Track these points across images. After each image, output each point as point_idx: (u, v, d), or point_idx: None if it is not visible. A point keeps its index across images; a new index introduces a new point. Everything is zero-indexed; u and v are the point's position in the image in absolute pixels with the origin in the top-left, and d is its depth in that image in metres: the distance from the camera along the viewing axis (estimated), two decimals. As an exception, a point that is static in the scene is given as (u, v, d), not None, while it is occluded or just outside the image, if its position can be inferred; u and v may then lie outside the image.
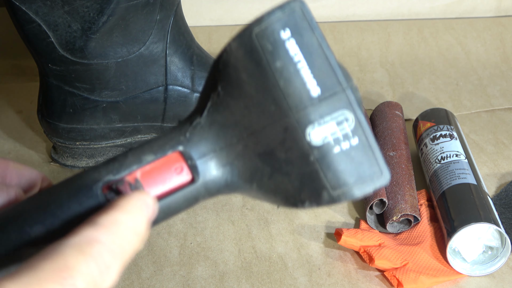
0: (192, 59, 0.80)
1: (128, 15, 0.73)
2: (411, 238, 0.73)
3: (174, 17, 0.77)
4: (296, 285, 0.70)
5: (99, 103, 0.79)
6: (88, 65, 0.75)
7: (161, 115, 0.81)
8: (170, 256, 0.73)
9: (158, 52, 0.78)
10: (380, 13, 1.14)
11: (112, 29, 0.73)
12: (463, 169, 0.75)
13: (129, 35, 0.75)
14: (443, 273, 0.70)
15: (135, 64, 0.77)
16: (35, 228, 0.38)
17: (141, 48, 0.76)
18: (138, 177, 0.39)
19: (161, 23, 0.76)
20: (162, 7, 0.75)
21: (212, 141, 0.40)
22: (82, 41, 0.73)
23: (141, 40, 0.76)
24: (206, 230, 0.76)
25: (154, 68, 0.78)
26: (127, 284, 0.70)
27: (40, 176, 0.45)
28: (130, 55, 0.76)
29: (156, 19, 0.75)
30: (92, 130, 0.81)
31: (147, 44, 0.76)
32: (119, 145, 0.83)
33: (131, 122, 0.81)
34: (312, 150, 0.38)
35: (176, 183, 0.40)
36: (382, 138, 0.82)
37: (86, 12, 0.72)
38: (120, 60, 0.76)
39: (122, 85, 0.78)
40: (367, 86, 0.99)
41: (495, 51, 1.06)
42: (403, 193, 0.75)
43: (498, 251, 0.70)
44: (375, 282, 0.70)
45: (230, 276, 0.71)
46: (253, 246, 0.74)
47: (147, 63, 0.78)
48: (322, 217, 0.77)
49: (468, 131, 0.90)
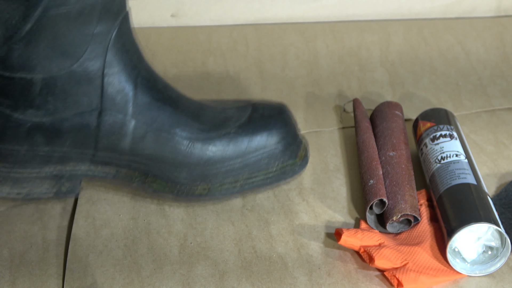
0: (136, 82, 0.71)
1: (57, 25, 0.65)
2: (411, 238, 0.73)
3: (117, 32, 0.69)
4: (296, 284, 0.70)
5: (22, 122, 0.70)
6: (10, 78, 0.68)
7: (93, 142, 0.72)
8: (170, 254, 0.73)
9: (94, 71, 0.69)
10: (380, 13, 1.14)
11: (38, 39, 0.66)
12: (463, 169, 0.75)
13: (59, 48, 0.67)
14: (443, 273, 0.70)
15: (65, 82, 0.69)
16: None
17: (73, 64, 0.68)
18: None
19: (100, 37, 0.68)
20: (101, 19, 0.67)
21: None
22: (3, 51, 0.66)
23: (73, 55, 0.68)
24: (206, 230, 0.76)
25: (88, 89, 0.69)
26: (127, 282, 0.70)
27: None
28: (60, 71, 0.68)
29: (92, 32, 0.67)
30: (14, 152, 0.72)
31: (81, 61, 0.68)
32: (48, 177, 0.74)
33: (58, 147, 0.72)
34: None
35: None
36: (382, 138, 0.82)
37: (8, 18, 0.65)
38: (48, 76, 0.68)
39: (49, 104, 0.70)
40: (367, 86, 0.99)
41: (495, 51, 1.06)
42: (403, 193, 0.75)
43: (498, 251, 0.70)
44: (375, 282, 0.70)
45: (230, 275, 0.71)
46: (253, 246, 0.74)
47: (80, 82, 0.69)
48: (322, 217, 0.77)
49: (468, 131, 0.90)
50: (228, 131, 0.74)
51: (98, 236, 0.75)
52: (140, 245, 0.74)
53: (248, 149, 0.74)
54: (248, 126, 0.74)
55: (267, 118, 0.75)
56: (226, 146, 0.73)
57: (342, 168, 0.85)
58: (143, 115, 0.72)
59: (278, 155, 0.75)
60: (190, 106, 0.75)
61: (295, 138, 0.76)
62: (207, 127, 0.74)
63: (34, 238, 0.75)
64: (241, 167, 0.74)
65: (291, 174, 0.76)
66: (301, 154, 0.76)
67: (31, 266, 0.72)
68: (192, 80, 1.01)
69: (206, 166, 0.73)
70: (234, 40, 1.09)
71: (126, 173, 0.75)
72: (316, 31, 1.11)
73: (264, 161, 0.74)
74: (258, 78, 1.01)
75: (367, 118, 0.87)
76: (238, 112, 0.76)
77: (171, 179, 0.74)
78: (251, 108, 0.76)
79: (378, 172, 0.78)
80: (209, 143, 0.73)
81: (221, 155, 0.73)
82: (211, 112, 0.75)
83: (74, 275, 0.71)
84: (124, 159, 0.74)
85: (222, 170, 0.74)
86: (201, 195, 0.74)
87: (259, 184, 0.75)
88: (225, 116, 0.75)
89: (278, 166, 0.75)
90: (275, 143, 0.74)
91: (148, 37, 1.11)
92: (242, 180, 0.75)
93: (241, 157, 0.74)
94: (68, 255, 0.72)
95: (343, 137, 0.90)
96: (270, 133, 0.74)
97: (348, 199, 0.80)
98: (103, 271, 0.71)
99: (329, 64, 1.04)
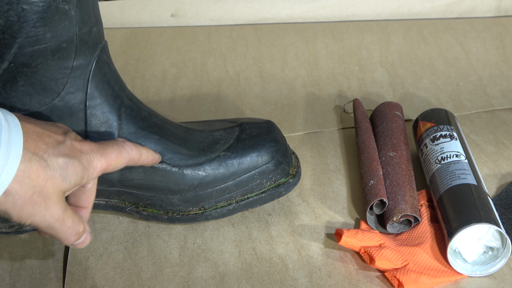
0: (119, 112, 0.70)
1: (34, 61, 0.64)
2: (411, 239, 0.73)
3: (96, 63, 0.68)
4: (297, 286, 0.70)
5: None
6: None
7: None
8: (170, 257, 0.73)
9: (76, 104, 0.68)
10: (380, 13, 1.14)
11: (16, 77, 0.65)
12: (463, 169, 0.75)
13: (38, 84, 0.66)
14: (444, 273, 0.70)
15: (47, 117, 0.67)
16: None
17: (54, 99, 0.67)
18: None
19: (79, 70, 0.66)
20: (79, 52, 0.66)
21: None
22: None
23: (53, 90, 0.66)
24: (206, 232, 0.76)
25: (71, 122, 0.68)
26: (127, 285, 0.70)
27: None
28: (41, 106, 0.67)
29: (71, 66, 0.66)
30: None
31: (61, 95, 0.66)
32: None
33: None
34: None
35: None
36: (382, 138, 0.82)
37: None
38: (28, 112, 0.66)
39: None
40: (367, 86, 0.99)
41: (495, 51, 1.06)
42: (403, 194, 0.75)
43: (499, 251, 0.70)
44: (376, 282, 0.70)
45: (231, 277, 0.71)
46: (253, 247, 0.74)
47: (63, 116, 0.68)
48: (322, 218, 0.77)
49: (468, 131, 0.90)
50: (218, 154, 0.73)
51: (98, 239, 0.75)
52: (140, 247, 0.74)
53: (239, 170, 0.73)
54: (237, 147, 0.74)
55: (256, 137, 0.75)
56: (217, 169, 0.73)
57: (342, 169, 0.85)
58: None
59: (270, 174, 0.74)
60: (177, 131, 0.74)
61: (285, 155, 0.76)
62: (196, 152, 0.73)
63: (34, 242, 0.75)
64: (234, 187, 0.74)
65: (286, 190, 0.76)
66: (293, 171, 0.76)
67: (31, 269, 0.72)
68: (192, 80, 1.01)
69: (198, 190, 0.73)
70: (234, 40, 1.09)
71: (117, 203, 0.75)
72: (316, 31, 1.11)
73: (256, 180, 0.74)
74: (258, 78, 1.01)
75: (367, 118, 0.87)
76: (226, 133, 0.75)
77: (163, 206, 0.74)
78: (238, 128, 0.76)
79: (378, 173, 0.78)
80: (199, 168, 0.72)
81: (212, 178, 0.73)
82: (198, 136, 0.74)
83: (74, 277, 0.71)
84: (113, 190, 0.73)
85: (215, 192, 0.73)
86: (197, 214, 0.75)
87: (254, 200, 0.75)
88: (213, 138, 0.75)
89: (271, 185, 0.75)
90: (266, 162, 0.74)
91: (148, 37, 1.11)
92: (236, 199, 0.75)
93: (233, 178, 0.73)
94: (68, 258, 0.72)
95: (343, 137, 0.90)
96: (259, 153, 0.74)
97: (348, 199, 0.80)
98: (103, 274, 0.71)
99: (329, 64, 1.04)
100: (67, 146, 0.61)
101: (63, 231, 0.61)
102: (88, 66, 0.67)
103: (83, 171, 0.61)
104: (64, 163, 0.60)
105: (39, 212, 0.59)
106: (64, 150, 0.60)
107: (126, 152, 0.66)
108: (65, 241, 0.62)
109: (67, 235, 0.62)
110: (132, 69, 1.04)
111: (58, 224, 0.61)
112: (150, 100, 0.97)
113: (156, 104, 0.96)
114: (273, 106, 0.96)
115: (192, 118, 0.93)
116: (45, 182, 0.58)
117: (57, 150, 0.60)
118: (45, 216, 0.59)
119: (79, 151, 0.61)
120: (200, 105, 0.96)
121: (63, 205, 0.60)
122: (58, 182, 0.59)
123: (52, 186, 0.59)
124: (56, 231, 0.61)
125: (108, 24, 1.14)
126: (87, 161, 0.62)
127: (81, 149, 0.62)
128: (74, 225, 0.62)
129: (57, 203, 0.60)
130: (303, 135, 0.90)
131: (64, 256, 0.73)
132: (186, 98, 0.97)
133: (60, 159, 0.59)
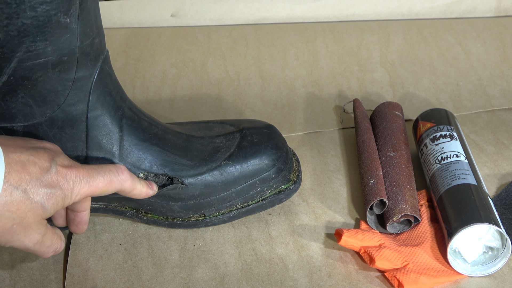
0: (121, 123, 0.69)
1: (34, 74, 0.63)
2: (411, 239, 0.73)
3: (98, 75, 0.67)
4: (297, 286, 0.70)
5: None
6: None
7: None
8: (170, 258, 0.73)
9: (77, 115, 0.67)
10: (380, 13, 1.14)
11: (16, 89, 0.64)
12: (463, 169, 0.75)
13: (38, 96, 0.65)
14: (444, 273, 0.70)
15: (48, 128, 0.67)
16: None
17: (55, 110, 0.66)
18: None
19: (80, 82, 0.66)
20: (81, 64, 0.65)
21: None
22: None
23: (54, 101, 0.65)
24: (206, 233, 0.76)
25: (72, 134, 0.68)
26: (127, 286, 0.70)
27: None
28: (42, 117, 0.66)
29: (72, 78, 0.65)
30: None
31: (62, 107, 0.66)
32: None
33: None
34: None
35: None
36: (382, 138, 0.82)
37: None
38: (29, 123, 0.66)
39: None
40: (367, 86, 0.99)
41: (495, 51, 1.06)
42: (403, 194, 0.75)
43: (499, 251, 0.70)
44: (376, 283, 0.70)
45: (231, 278, 0.71)
46: (253, 248, 0.74)
47: (64, 127, 0.67)
48: (322, 218, 0.77)
49: (468, 131, 0.90)
50: (219, 163, 0.73)
51: (98, 240, 0.75)
52: (141, 249, 0.74)
53: (240, 179, 0.73)
54: (238, 155, 0.73)
55: (257, 145, 0.74)
56: (218, 177, 0.73)
57: (342, 169, 0.85)
58: (130, 157, 0.70)
59: (271, 182, 0.74)
60: (177, 141, 0.73)
61: (286, 162, 0.75)
62: (197, 162, 0.73)
63: (35, 242, 0.75)
64: (235, 195, 0.74)
65: (286, 197, 0.76)
66: (293, 177, 0.76)
67: (31, 271, 0.72)
68: (192, 80, 1.01)
69: (199, 199, 0.73)
70: (234, 40, 1.09)
71: (117, 207, 0.75)
72: (316, 31, 1.11)
73: (257, 188, 0.74)
74: (258, 78, 1.01)
75: (367, 118, 0.87)
76: (227, 140, 0.75)
77: (163, 212, 0.74)
78: (239, 135, 0.75)
79: (379, 173, 0.78)
80: (200, 178, 0.72)
81: (213, 187, 0.73)
82: (198, 144, 0.74)
83: (74, 279, 0.71)
84: (113, 196, 0.73)
85: (215, 200, 0.73)
86: (198, 221, 0.75)
87: (255, 207, 0.75)
88: (213, 146, 0.74)
89: (272, 192, 0.75)
90: (267, 170, 0.74)
91: (148, 37, 1.11)
92: (237, 206, 0.75)
93: (234, 187, 0.73)
94: (68, 260, 0.72)
95: (343, 137, 0.90)
96: (261, 161, 0.74)
97: (348, 199, 0.80)
98: (103, 275, 0.71)
99: (329, 64, 1.04)
100: (52, 173, 0.61)
101: (41, 251, 0.64)
102: (90, 77, 0.66)
103: (64, 200, 0.62)
104: (46, 194, 0.60)
105: (18, 239, 0.60)
106: (48, 180, 0.60)
107: (118, 183, 0.66)
108: (42, 257, 0.65)
109: (45, 253, 0.64)
110: (132, 69, 1.04)
111: (38, 247, 0.63)
112: (150, 100, 0.97)
113: (156, 104, 0.96)
114: (273, 106, 0.96)
115: (192, 118, 0.93)
116: (25, 214, 0.59)
117: (40, 180, 0.60)
118: (23, 242, 0.61)
119: (63, 179, 0.62)
120: (200, 105, 0.96)
121: (42, 230, 0.62)
122: (39, 212, 0.60)
123: (33, 216, 0.60)
124: (35, 251, 0.63)
125: (108, 24, 1.14)
126: (69, 189, 0.62)
127: (65, 176, 0.62)
128: (53, 244, 0.64)
129: (37, 230, 0.61)
130: (303, 135, 0.90)
131: (64, 258, 0.73)
132: (186, 98, 0.97)
133: (42, 190, 0.60)
